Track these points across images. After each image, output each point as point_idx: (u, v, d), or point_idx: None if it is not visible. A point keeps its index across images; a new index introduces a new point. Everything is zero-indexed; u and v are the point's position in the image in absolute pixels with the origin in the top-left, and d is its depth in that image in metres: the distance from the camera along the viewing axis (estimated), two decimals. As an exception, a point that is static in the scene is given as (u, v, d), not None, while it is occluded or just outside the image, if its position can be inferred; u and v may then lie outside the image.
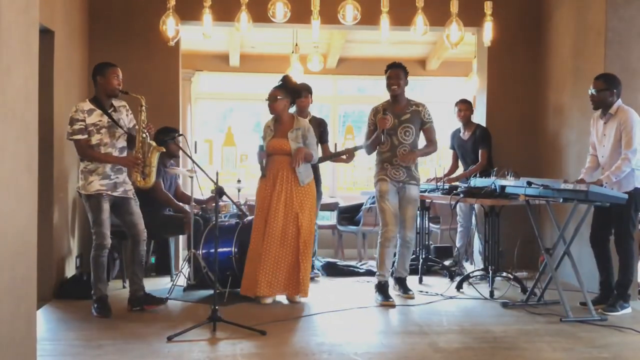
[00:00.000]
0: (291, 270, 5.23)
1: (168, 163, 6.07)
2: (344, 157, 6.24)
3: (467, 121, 6.78)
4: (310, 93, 6.07)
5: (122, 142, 4.92)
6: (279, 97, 5.30)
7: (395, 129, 5.41)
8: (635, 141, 4.88)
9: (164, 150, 5.11)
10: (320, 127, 6.15)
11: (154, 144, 4.91)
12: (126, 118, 4.97)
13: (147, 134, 4.85)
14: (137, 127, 4.88)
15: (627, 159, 4.86)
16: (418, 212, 6.56)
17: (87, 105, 4.82)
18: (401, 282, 5.60)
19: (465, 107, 6.75)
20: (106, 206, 4.82)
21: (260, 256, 5.19)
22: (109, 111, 4.86)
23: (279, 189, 5.23)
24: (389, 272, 5.44)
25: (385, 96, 5.61)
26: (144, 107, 4.83)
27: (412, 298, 5.45)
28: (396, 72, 5.42)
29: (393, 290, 5.59)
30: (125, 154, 4.95)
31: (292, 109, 5.52)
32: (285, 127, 5.31)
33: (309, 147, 5.34)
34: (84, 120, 4.75)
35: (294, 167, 5.22)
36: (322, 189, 6.39)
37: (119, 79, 4.87)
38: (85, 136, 4.76)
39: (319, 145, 6.12)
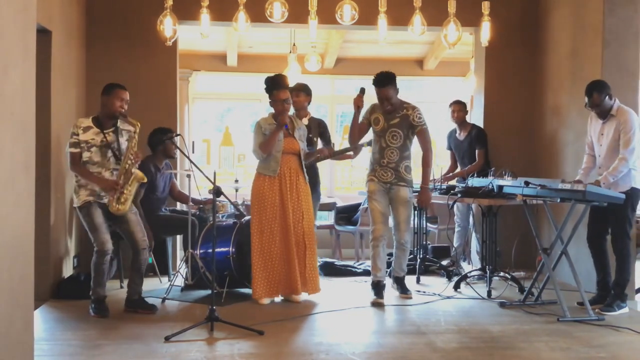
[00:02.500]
0: (303, 268, 5.26)
1: (163, 163, 6.06)
2: (350, 152, 6.20)
3: (461, 122, 6.79)
4: (307, 93, 6.04)
5: (113, 164, 4.87)
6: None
7: (384, 132, 5.34)
8: (634, 141, 4.89)
9: (145, 180, 5.08)
10: (320, 127, 6.15)
11: (137, 172, 4.89)
12: (125, 142, 4.93)
13: (132, 161, 4.85)
14: (126, 151, 4.84)
15: (625, 159, 4.86)
16: (415, 212, 6.58)
17: (86, 122, 4.86)
18: (399, 282, 5.59)
19: (459, 108, 6.76)
20: (98, 211, 4.81)
21: (278, 257, 5.20)
22: (109, 130, 4.85)
23: (290, 188, 5.23)
24: (384, 272, 5.41)
25: None
26: (136, 135, 4.85)
27: (410, 298, 5.46)
28: (385, 92, 5.23)
29: (392, 289, 5.60)
30: (114, 175, 4.88)
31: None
32: (288, 126, 5.33)
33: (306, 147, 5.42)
34: (78, 135, 4.81)
35: (304, 166, 5.34)
36: (320, 189, 6.39)
37: (123, 101, 4.87)
38: (78, 150, 4.81)
39: (323, 145, 6.17)
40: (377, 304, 5.23)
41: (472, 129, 6.74)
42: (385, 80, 5.25)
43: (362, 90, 5.42)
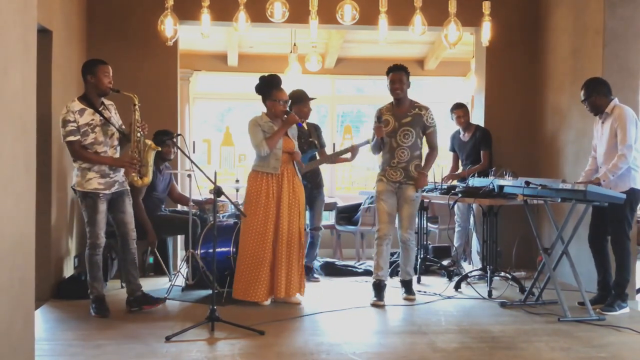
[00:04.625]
0: (297, 270, 5.25)
1: (162, 167, 6.06)
2: (347, 156, 6.21)
3: (466, 125, 6.77)
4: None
5: (116, 140, 4.90)
6: None
7: (395, 132, 5.36)
8: (630, 137, 4.88)
9: (160, 149, 5.09)
10: (316, 131, 6.18)
11: (149, 142, 4.89)
12: (115, 116, 4.95)
13: (141, 133, 4.83)
14: (131, 126, 4.85)
15: (623, 155, 4.86)
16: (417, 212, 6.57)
17: (78, 105, 4.75)
18: (406, 284, 5.53)
19: (463, 113, 6.73)
20: (102, 207, 4.79)
21: (269, 260, 5.16)
22: (100, 109, 4.83)
23: (288, 187, 5.23)
24: (386, 271, 5.39)
25: (384, 95, 5.59)
26: (137, 106, 4.83)
27: (413, 301, 5.40)
28: (399, 75, 5.40)
29: (393, 289, 5.57)
30: (118, 151, 4.93)
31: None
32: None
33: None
34: (75, 121, 4.68)
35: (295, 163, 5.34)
36: (323, 191, 6.40)
37: (110, 76, 4.83)
38: (78, 137, 4.70)
39: (318, 149, 6.18)
40: (377, 306, 5.22)
41: (477, 130, 6.73)
42: (401, 68, 5.45)
43: (380, 120, 5.38)
